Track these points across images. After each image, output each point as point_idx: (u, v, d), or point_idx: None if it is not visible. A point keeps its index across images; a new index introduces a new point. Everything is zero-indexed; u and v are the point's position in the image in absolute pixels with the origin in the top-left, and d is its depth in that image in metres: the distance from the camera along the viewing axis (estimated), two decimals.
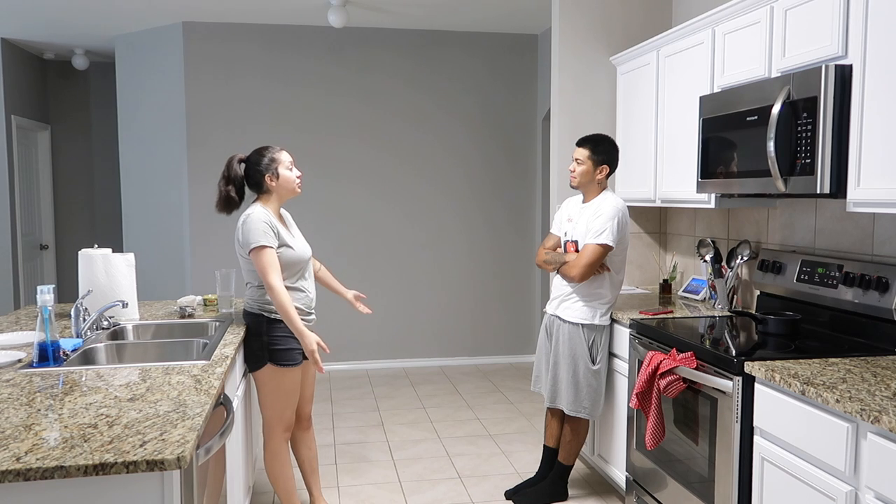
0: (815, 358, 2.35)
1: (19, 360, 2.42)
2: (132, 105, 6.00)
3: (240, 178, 2.91)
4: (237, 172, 2.90)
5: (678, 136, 3.39)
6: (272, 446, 3.01)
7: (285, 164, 2.91)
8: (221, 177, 2.91)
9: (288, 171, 2.92)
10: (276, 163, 2.89)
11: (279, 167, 2.89)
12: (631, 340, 3.13)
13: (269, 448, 3.02)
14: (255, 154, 2.91)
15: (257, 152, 2.91)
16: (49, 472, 1.48)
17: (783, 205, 3.19)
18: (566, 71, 4.15)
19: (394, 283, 6.09)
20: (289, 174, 2.91)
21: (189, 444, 1.60)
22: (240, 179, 2.91)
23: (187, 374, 2.24)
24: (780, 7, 2.63)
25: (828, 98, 2.32)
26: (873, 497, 1.83)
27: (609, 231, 3.11)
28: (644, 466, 3.04)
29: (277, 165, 2.89)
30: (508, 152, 6.17)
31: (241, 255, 2.89)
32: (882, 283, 2.49)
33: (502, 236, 6.23)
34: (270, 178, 2.88)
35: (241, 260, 2.92)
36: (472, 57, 6.04)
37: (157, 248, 5.96)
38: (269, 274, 2.78)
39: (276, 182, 2.89)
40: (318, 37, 5.80)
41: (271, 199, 2.92)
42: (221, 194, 2.90)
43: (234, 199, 2.91)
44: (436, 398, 5.22)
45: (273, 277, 2.78)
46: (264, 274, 2.79)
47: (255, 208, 2.86)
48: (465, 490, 3.63)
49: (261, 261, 2.78)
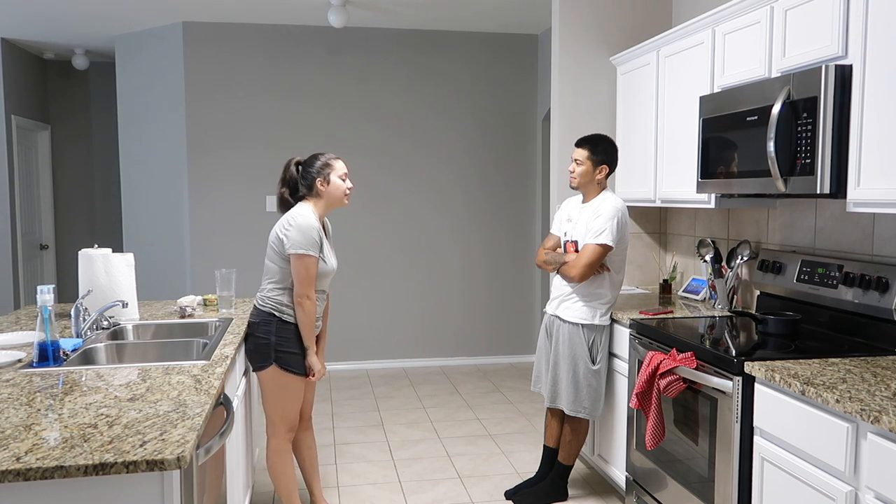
0: (815, 358, 2.35)
1: (19, 360, 2.42)
2: (132, 105, 5.99)
3: (294, 180, 2.96)
4: (293, 174, 2.96)
5: (678, 136, 3.39)
6: (275, 445, 3.02)
7: (338, 172, 2.94)
8: (279, 180, 2.98)
9: (339, 180, 2.94)
10: (330, 168, 2.93)
11: (332, 173, 2.92)
12: (631, 340, 3.13)
13: (272, 447, 3.02)
14: (311, 158, 2.97)
15: (314, 156, 2.97)
16: (49, 472, 1.48)
17: (783, 205, 3.19)
18: (566, 71, 4.15)
19: (394, 284, 6.09)
20: (339, 183, 2.94)
21: (189, 444, 1.60)
22: (294, 181, 2.96)
23: (187, 374, 2.25)
24: (780, 7, 2.63)
25: (828, 98, 2.32)
26: (873, 497, 1.83)
27: (609, 231, 3.11)
28: (644, 466, 3.04)
29: (331, 171, 2.92)
30: (508, 152, 6.17)
31: (275, 250, 2.88)
32: (882, 283, 2.49)
33: (502, 236, 6.22)
34: (322, 183, 2.91)
35: (271, 254, 2.91)
36: (472, 57, 6.04)
37: (157, 248, 5.95)
38: (308, 285, 2.85)
39: (327, 188, 2.92)
40: (319, 37, 5.79)
41: (319, 204, 2.94)
42: (279, 196, 2.99)
43: (289, 200, 2.98)
44: (436, 398, 5.22)
45: (311, 289, 2.86)
46: (303, 283, 2.84)
47: (307, 210, 2.88)
48: (465, 490, 3.63)
49: (305, 269, 2.82)
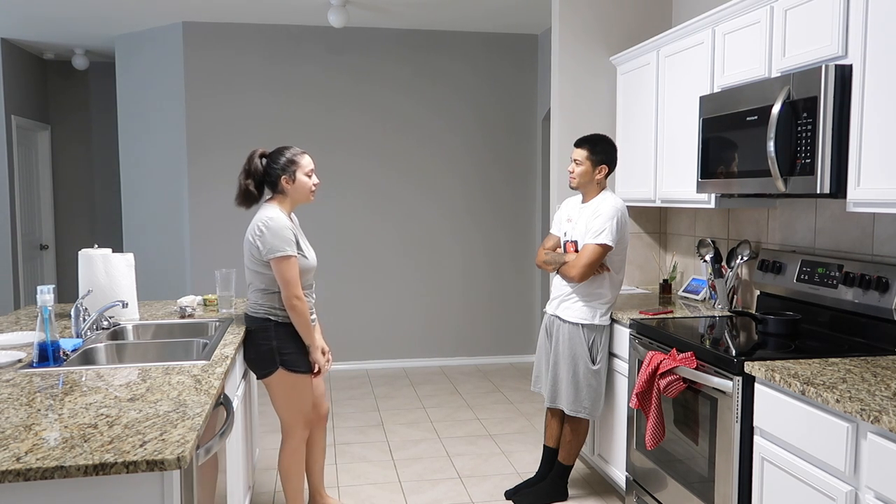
0: (815, 358, 2.35)
1: (19, 360, 2.42)
2: (132, 105, 5.99)
3: (259, 173, 2.84)
4: (257, 167, 2.83)
5: (678, 136, 3.39)
6: (292, 445, 2.98)
7: (304, 169, 2.85)
8: (242, 170, 2.85)
9: (305, 177, 2.85)
10: (295, 165, 2.83)
11: (298, 170, 2.83)
12: (631, 340, 3.13)
13: (289, 447, 2.98)
14: (276, 152, 2.85)
15: (279, 151, 2.85)
16: (49, 472, 1.48)
17: (783, 205, 3.19)
18: (566, 71, 4.15)
19: (394, 284, 6.09)
20: (305, 180, 2.85)
21: (189, 444, 1.60)
22: (259, 174, 2.84)
23: (187, 374, 2.24)
24: (780, 7, 2.63)
25: (828, 98, 2.32)
26: (873, 497, 1.83)
27: (608, 231, 3.11)
28: (644, 466, 3.04)
29: (296, 168, 2.83)
30: (508, 152, 6.17)
31: (254, 257, 2.80)
32: (882, 283, 2.49)
33: (502, 236, 6.22)
34: (287, 181, 2.82)
35: (251, 262, 2.83)
36: (472, 57, 6.04)
37: (157, 248, 5.95)
38: (295, 285, 2.76)
39: (292, 185, 2.83)
40: (319, 37, 5.79)
41: (286, 202, 2.86)
42: (241, 188, 2.85)
43: (254, 193, 2.85)
44: (436, 398, 5.22)
45: (298, 289, 2.77)
46: (289, 285, 2.75)
47: (275, 212, 2.79)
48: (465, 490, 3.63)
49: (287, 271, 2.74)
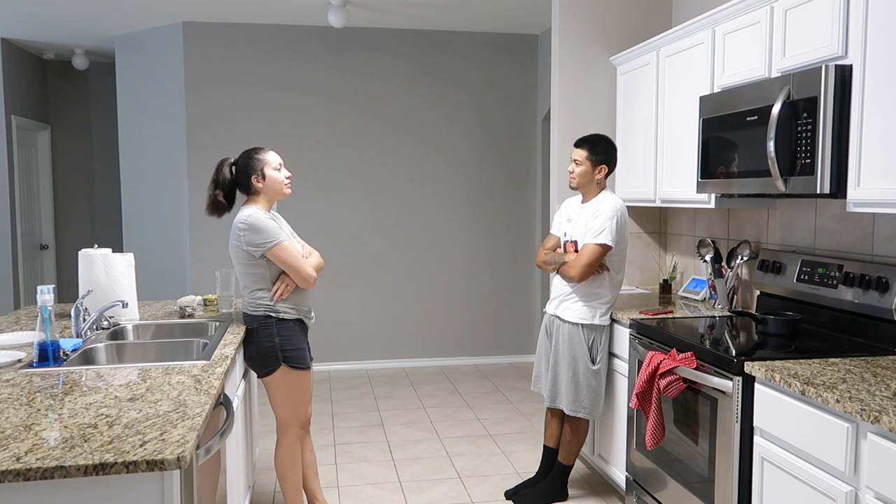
0: (815, 358, 2.35)
1: (19, 360, 2.42)
2: (132, 105, 5.99)
3: (228, 182, 2.89)
4: (225, 176, 2.88)
5: (678, 136, 3.39)
6: (287, 445, 2.98)
7: (272, 165, 2.88)
8: (211, 181, 2.90)
9: (275, 172, 2.88)
10: (263, 163, 2.86)
11: (265, 168, 2.86)
12: (631, 340, 3.13)
13: (284, 447, 2.99)
14: (243, 156, 2.90)
15: (244, 154, 2.90)
16: (49, 472, 1.48)
17: (783, 205, 3.19)
18: (566, 71, 4.15)
19: (394, 284, 6.09)
20: (276, 175, 2.88)
21: (189, 444, 1.60)
22: (228, 183, 2.89)
23: (187, 374, 2.24)
24: (780, 7, 2.63)
25: (828, 98, 2.32)
26: (873, 497, 1.83)
27: (608, 231, 3.11)
28: (644, 466, 3.04)
29: (264, 166, 2.86)
30: (508, 152, 6.17)
31: (242, 261, 2.82)
32: (882, 283, 2.49)
33: (502, 236, 6.22)
34: (257, 180, 2.86)
35: (240, 264, 2.85)
36: (472, 57, 6.04)
37: (157, 248, 5.96)
38: (303, 267, 2.82)
39: (263, 183, 2.86)
40: (319, 37, 5.79)
41: (260, 201, 2.89)
42: (210, 198, 2.90)
43: (223, 202, 2.89)
44: (436, 398, 5.22)
45: (308, 268, 2.83)
46: (297, 267, 2.80)
47: (251, 209, 2.82)
48: (465, 490, 3.63)
49: (287, 255, 2.78)
